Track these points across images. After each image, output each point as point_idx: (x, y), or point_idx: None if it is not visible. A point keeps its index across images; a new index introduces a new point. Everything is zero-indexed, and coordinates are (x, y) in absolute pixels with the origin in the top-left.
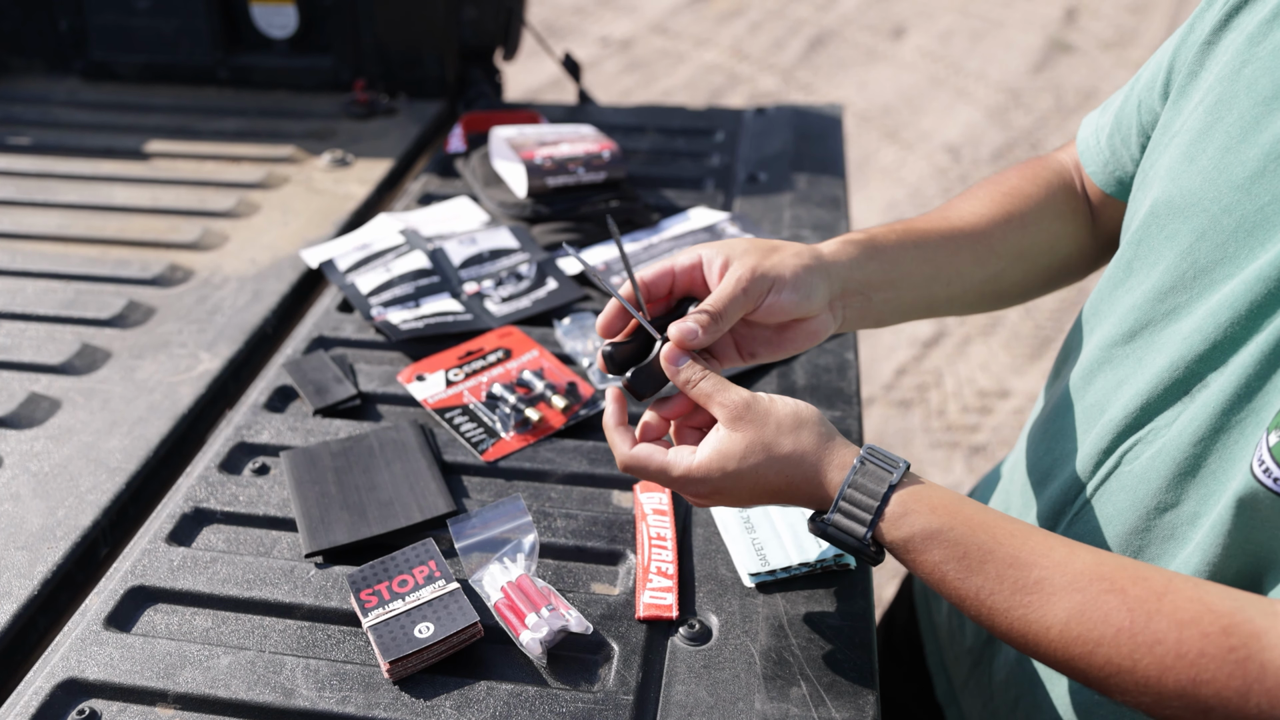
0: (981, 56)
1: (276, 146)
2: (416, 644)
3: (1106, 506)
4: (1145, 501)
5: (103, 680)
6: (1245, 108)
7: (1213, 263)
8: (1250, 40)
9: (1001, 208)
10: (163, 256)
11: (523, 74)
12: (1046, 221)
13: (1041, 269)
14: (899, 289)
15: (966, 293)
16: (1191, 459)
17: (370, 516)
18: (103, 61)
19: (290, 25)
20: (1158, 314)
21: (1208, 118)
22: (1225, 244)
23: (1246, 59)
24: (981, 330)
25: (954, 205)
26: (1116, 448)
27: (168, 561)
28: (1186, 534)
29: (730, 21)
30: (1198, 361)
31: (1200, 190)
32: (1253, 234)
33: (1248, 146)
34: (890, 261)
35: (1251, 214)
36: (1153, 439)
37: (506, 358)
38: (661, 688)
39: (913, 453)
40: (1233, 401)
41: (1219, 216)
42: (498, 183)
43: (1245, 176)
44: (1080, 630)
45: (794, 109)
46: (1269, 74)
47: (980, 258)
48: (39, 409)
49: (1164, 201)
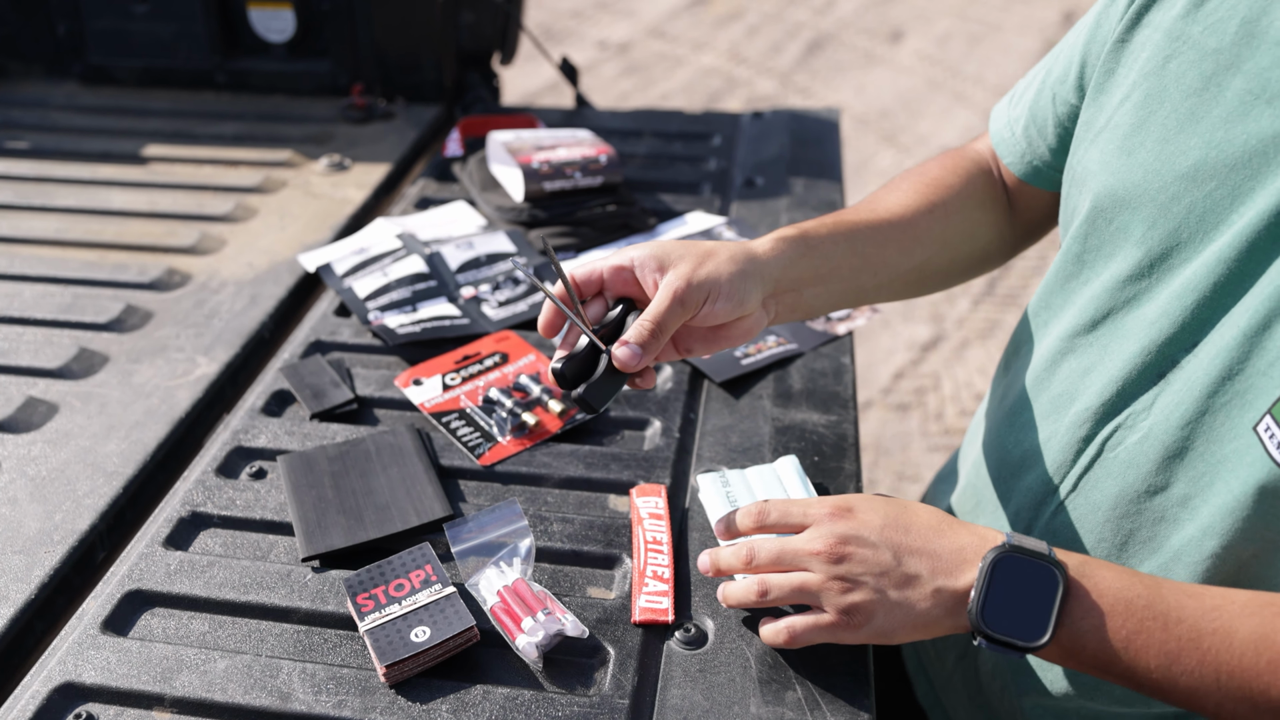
0: (979, 60)
1: (274, 151)
2: (413, 648)
3: (1093, 493)
4: (1134, 486)
5: (99, 684)
6: (1177, 100)
7: (1168, 249)
8: (1169, 36)
9: (925, 198)
10: (160, 261)
11: (520, 78)
12: (968, 210)
13: (964, 256)
14: (828, 283)
15: (893, 281)
16: (1179, 442)
17: (367, 521)
18: (101, 66)
19: (288, 30)
20: (1118, 302)
21: (1139, 113)
22: (1178, 231)
23: (1170, 54)
24: (979, 334)
25: (880, 196)
26: (1096, 434)
27: (165, 565)
28: (1178, 515)
29: (728, 25)
30: (1168, 344)
31: (1144, 182)
32: (1204, 219)
33: (1186, 137)
34: (821, 257)
35: (1200, 200)
36: (1133, 424)
37: (503, 362)
38: (657, 691)
39: (911, 456)
40: (1215, 384)
41: (1168, 205)
42: (495, 187)
43: (1189, 165)
44: (1271, 654)
45: (791, 113)
46: (1194, 67)
47: (906, 248)
48: (36, 413)
49: (1107, 195)
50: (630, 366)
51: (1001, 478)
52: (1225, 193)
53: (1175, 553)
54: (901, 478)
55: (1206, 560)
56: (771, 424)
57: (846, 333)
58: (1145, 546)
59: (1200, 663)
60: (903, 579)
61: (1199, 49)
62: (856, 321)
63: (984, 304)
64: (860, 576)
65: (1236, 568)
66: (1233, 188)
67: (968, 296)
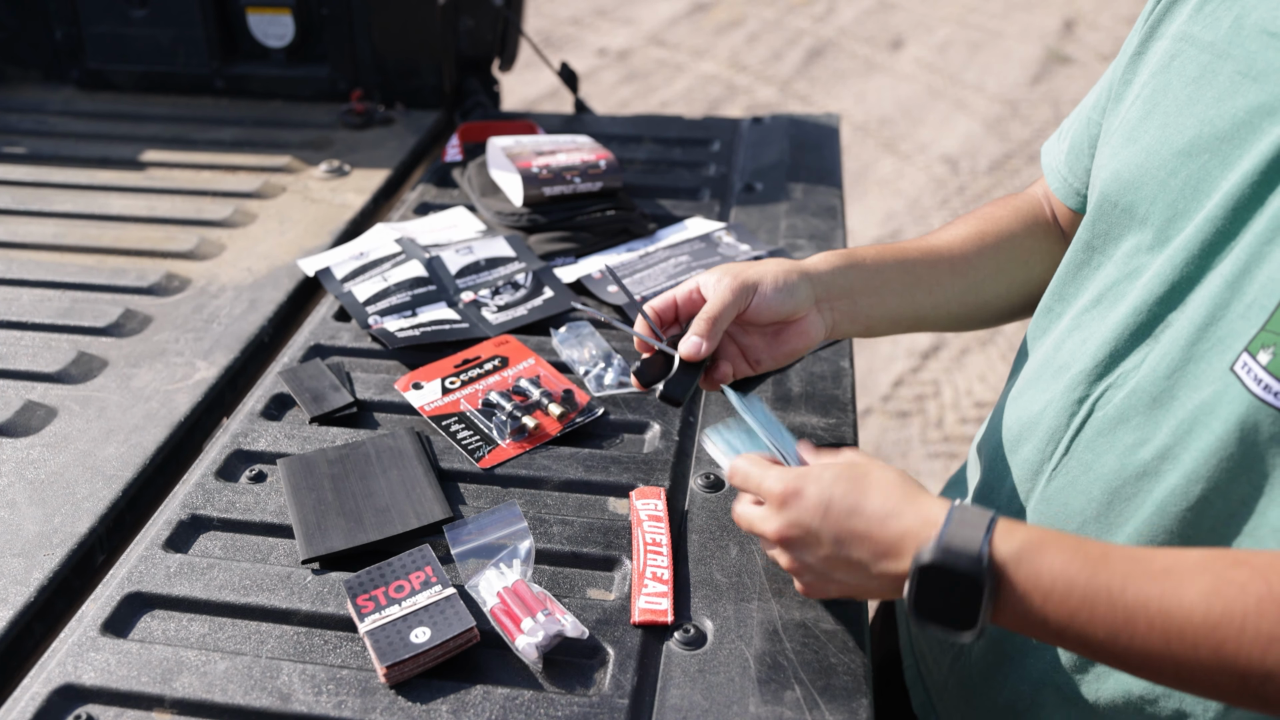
0: (979, 68)
1: (273, 156)
2: (413, 649)
3: (1085, 455)
4: (1121, 440)
5: (99, 686)
6: (1178, 89)
7: (1167, 220)
8: (1174, 39)
9: (976, 229)
10: (159, 265)
11: (520, 84)
12: (1020, 239)
13: (1019, 283)
14: (882, 295)
15: (949, 302)
16: (1161, 392)
17: (367, 523)
18: (99, 70)
19: (287, 35)
20: (1121, 275)
21: (1145, 107)
22: (1175, 202)
23: (1174, 54)
24: (979, 341)
25: (932, 234)
26: (1087, 397)
27: (165, 568)
28: (1158, 468)
29: (728, 33)
30: (1158, 304)
31: (1145, 162)
32: (1198, 188)
33: (1184, 119)
34: (870, 271)
35: (1195, 172)
36: (1122, 383)
37: (503, 366)
38: (656, 692)
39: (910, 463)
40: (1198, 332)
41: (1166, 180)
42: (494, 192)
43: (1185, 142)
44: (1223, 607)
45: (790, 119)
46: (1194, 61)
47: (958, 270)
48: (35, 417)
49: (1113, 180)
50: (694, 355)
51: (1001, 456)
52: (1217, 162)
53: (1159, 505)
54: None
55: (1195, 508)
56: None
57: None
58: (1130, 503)
59: (1149, 629)
60: (846, 563)
61: (1198, 44)
62: None
63: None
64: (805, 563)
65: (1227, 516)
66: (1223, 157)
67: None
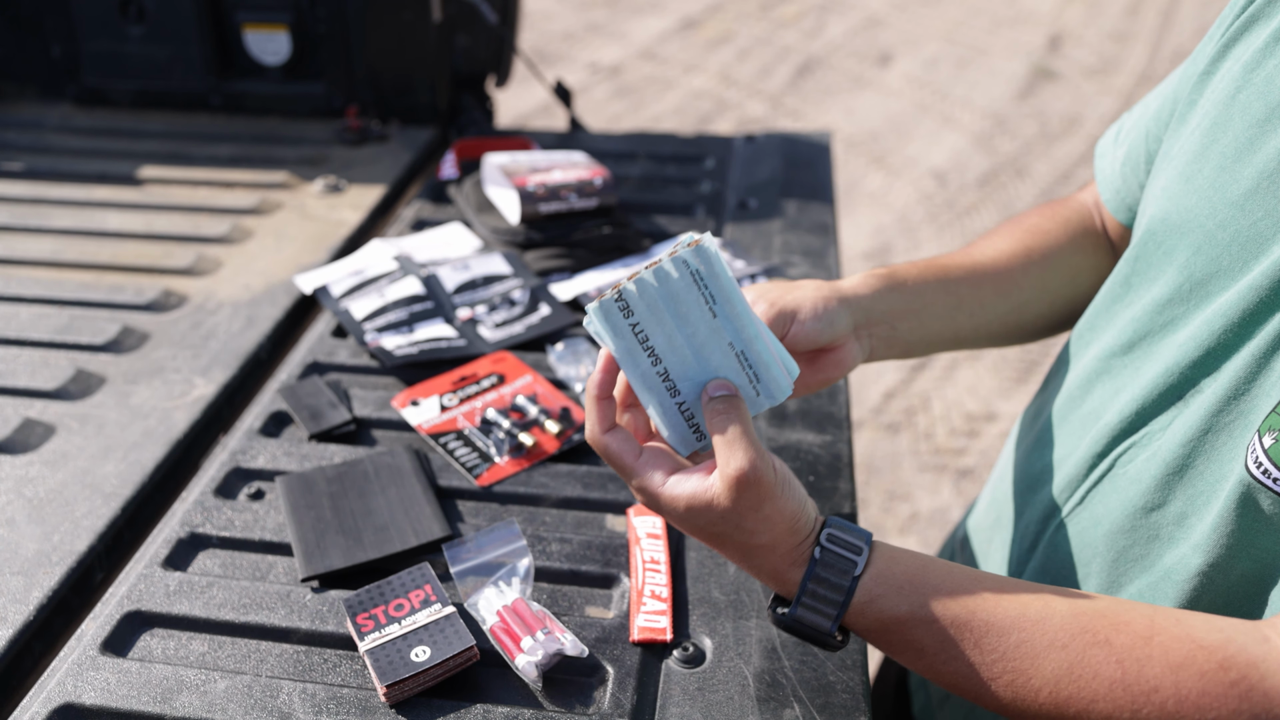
0: (967, 83)
1: (269, 173)
2: (413, 668)
3: (1097, 508)
4: (1134, 502)
5: (99, 705)
6: (1240, 129)
7: (1208, 276)
8: (1246, 68)
9: (1022, 244)
10: (157, 282)
11: (513, 100)
12: (1066, 255)
13: (1064, 301)
14: (922, 318)
15: (990, 323)
16: (1180, 459)
17: (366, 541)
18: (96, 87)
19: (283, 52)
20: (1155, 325)
21: (1204, 140)
22: (1220, 258)
23: (1241, 85)
24: (969, 354)
25: (976, 245)
26: (1110, 451)
27: (164, 586)
28: (1172, 534)
29: (718, 48)
30: (1192, 368)
31: (1197, 208)
32: (1246, 247)
33: (1242, 166)
34: (912, 293)
35: (1245, 229)
36: (1147, 443)
37: (500, 383)
38: (656, 710)
39: (901, 476)
40: (1222, 403)
41: (1214, 232)
42: (490, 209)
43: (1240, 194)
44: (1071, 690)
45: (783, 136)
46: (1262, 98)
47: (1003, 290)
48: (33, 434)
49: (1160, 219)
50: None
51: (1019, 492)
52: (1270, 224)
53: (1165, 571)
54: (892, 497)
55: (1195, 579)
56: (766, 444)
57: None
58: (1137, 564)
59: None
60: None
61: (1270, 81)
62: None
63: None
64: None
65: (1226, 589)
66: (1277, 219)
67: None
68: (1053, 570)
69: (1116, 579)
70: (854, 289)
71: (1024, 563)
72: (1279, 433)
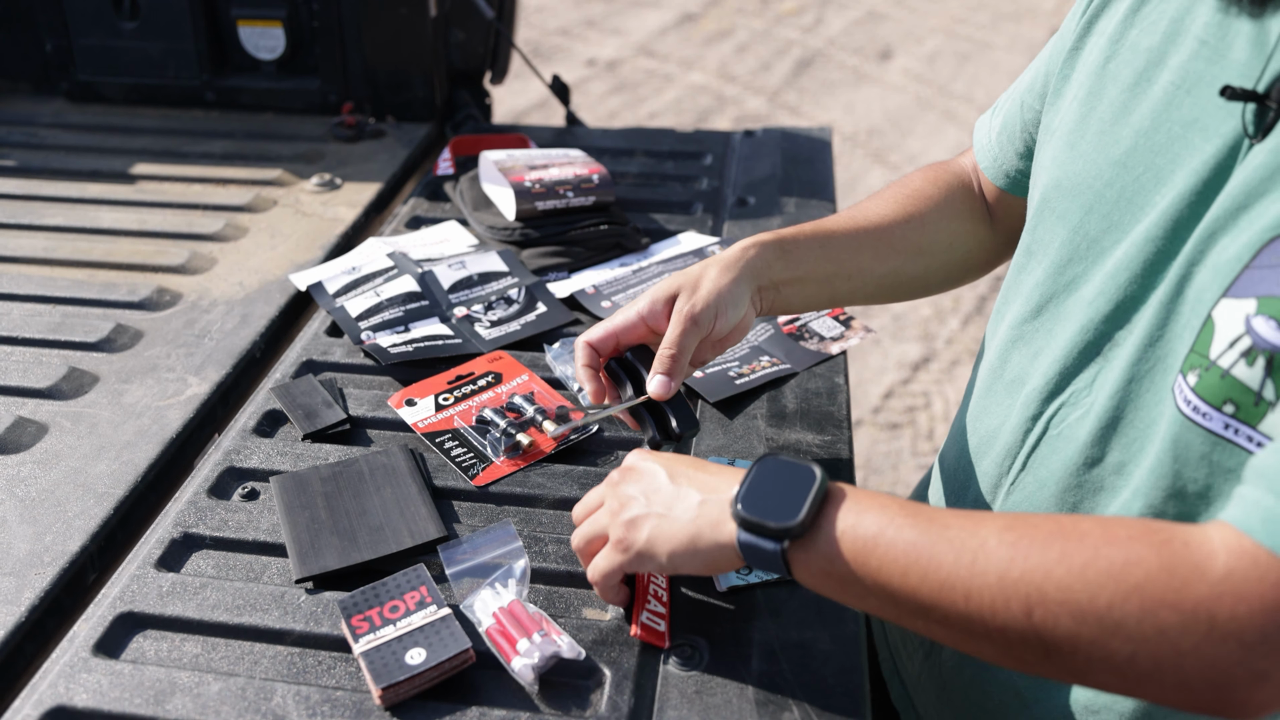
0: (968, 79)
1: (264, 169)
2: (408, 670)
3: (1040, 471)
4: (1074, 459)
5: (91, 707)
6: (1113, 95)
7: (1102, 232)
8: (1111, 40)
9: (903, 208)
10: (150, 280)
11: (509, 95)
12: (945, 221)
13: (940, 265)
14: (804, 284)
15: (866, 285)
16: (1110, 412)
17: (361, 542)
18: (89, 83)
19: (278, 47)
20: (1059, 286)
21: (1082, 109)
22: (1110, 214)
23: (1109, 55)
24: (969, 352)
25: (863, 205)
26: (1041, 414)
27: (157, 587)
28: (1114, 484)
29: (717, 43)
30: (1104, 322)
31: (1084, 171)
32: (1133, 201)
33: (1120, 128)
34: (796, 261)
35: (1130, 184)
36: (1075, 401)
37: (497, 382)
38: (654, 713)
39: (901, 475)
40: (1141, 352)
41: (1102, 191)
42: (487, 206)
43: (1122, 153)
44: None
45: (783, 131)
46: (1129, 65)
47: (880, 254)
48: (25, 433)
49: (1053, 186)
50: (664, 395)
51: (962, 465)
52: (1150, 176)
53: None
54: None
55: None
56: (766, 444)
57: (840, 353)
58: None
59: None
60: (672, 495)
61: (1134, 48)
62: (850, 341)
63: (974, 323)
64: (632, 495)
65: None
66: (1156, 171)
67: (958, 315)
68: None
69: None
70: (751, 259)
71: None
72: (1200, 370)
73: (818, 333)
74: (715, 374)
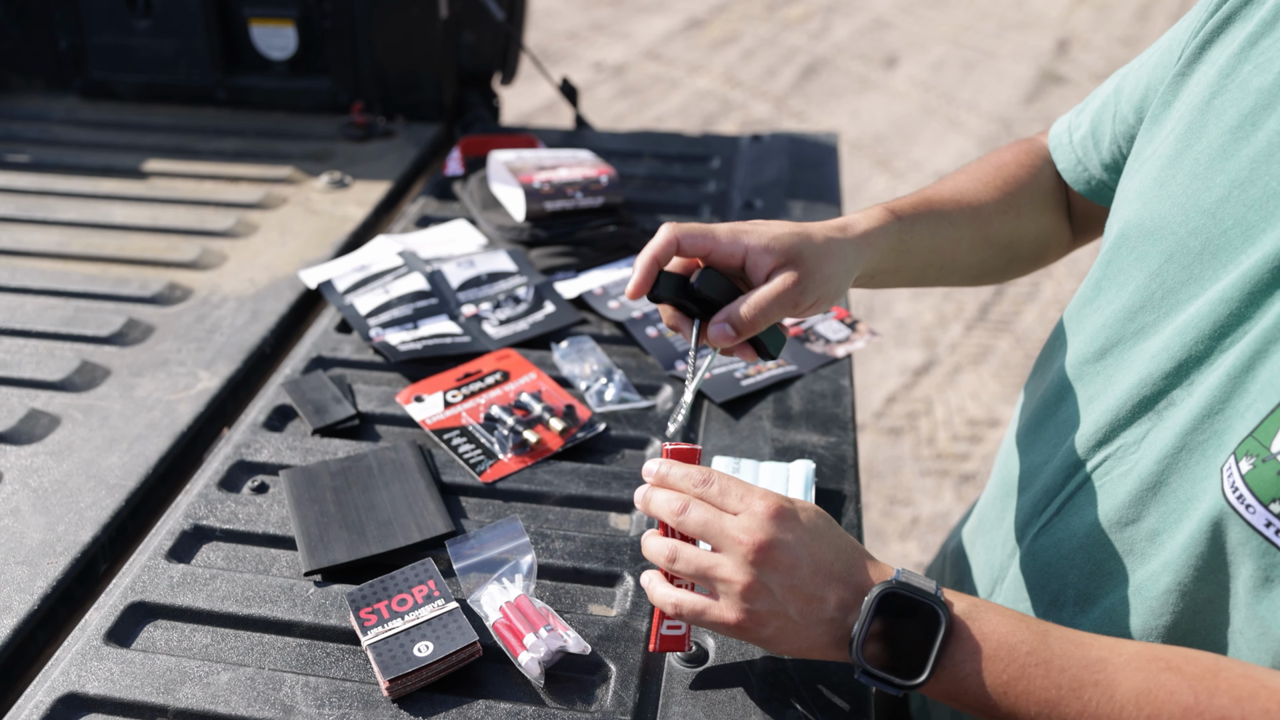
0: (973, 87)
1: (275, 167)
2: (416, 663)
3: (1074, 519)
4: (1109, 516)
5: (103, 695)
6: (1214, 136)
7: (1179, 284)
8: (1221, 73)
9: (1001, 194)
10: (162, 275)
11: (517, 97)
12: (1036, 213)
13: (1021, 258)
14: (899, 273)
15: (950, 276)
16: (1154, 476)
17: (369, 536)
18: (102, 81)
19: (289, 47)
20: (1127, 333)
21: (1178, 145)
22: (1191, 266)
23: (1217, 90)
24: (972, 359)
25: (959, 183)
26: (1086, 462)
27: (167, 578)
28: (1145, 550)
29: (723, 49)
30: (1164, 379)
31: (1169, 214)
32: (1216, 256)
33: (1215, 173)
34: (906, 249)
35: (1216, 237)
36: (1121, 455)
37: (504, 380)
38: (659, 709)
39: (902, 480)
40: (1197, 421)
41: (1186, 240)
42: (495, 206)
43: (1212, 202)
44: (1150, 710)
45: (790, 136)
46: (1235, 105)
47: (975, 245)
48: (39, 425)
49: (1134, 224)
50: (720, 344)
51: (1001, 497)
52: (1239, 232)
53: (1137, 586)
54: (893, 501)
55: (1163, 597)
56: (771, 445)
57: (846, 355)
58: (1111, 579)
59: (1080, 713)
60: (809, 599)
61: (1244, 87)
62: (856, 344)
63: (976, 329)
64: (772, 585)
65: (1193, 612)
66: (1247, 228)
67: (960, 321)
68: (1029, 580)
69: (1091, 592)
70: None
71: (1004, 568)
72: (1256, 459)
73: (823, 335)
74: (721, 375)
